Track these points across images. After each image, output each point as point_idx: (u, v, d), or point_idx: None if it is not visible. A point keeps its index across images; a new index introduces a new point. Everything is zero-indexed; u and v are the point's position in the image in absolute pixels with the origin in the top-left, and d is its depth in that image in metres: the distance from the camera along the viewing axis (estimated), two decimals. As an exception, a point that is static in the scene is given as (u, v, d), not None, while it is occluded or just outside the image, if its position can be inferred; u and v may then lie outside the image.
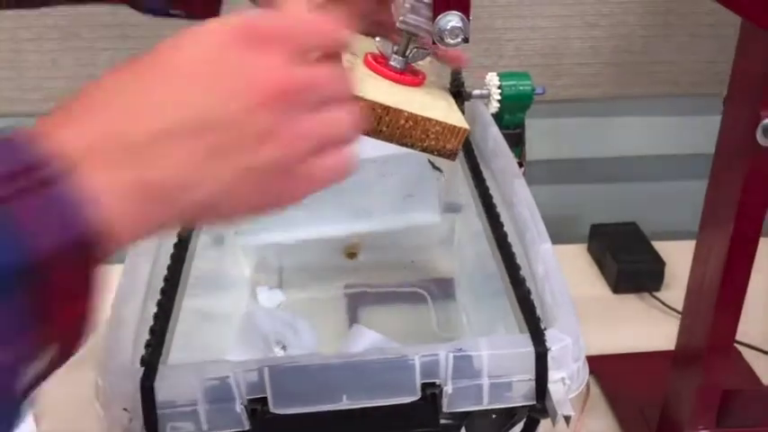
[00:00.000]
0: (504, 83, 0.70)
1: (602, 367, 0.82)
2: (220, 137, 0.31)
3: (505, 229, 0.56)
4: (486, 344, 0.43)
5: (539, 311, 0.47)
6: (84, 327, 0.29)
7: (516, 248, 0.54)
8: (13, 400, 0.28)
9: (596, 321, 0.90)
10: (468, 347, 0.43)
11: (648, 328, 0.87)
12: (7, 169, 0.27)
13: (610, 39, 0.98)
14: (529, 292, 0.49)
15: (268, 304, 0.74)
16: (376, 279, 0.75)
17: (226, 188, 0.32)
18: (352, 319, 0.73)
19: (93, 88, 0.31)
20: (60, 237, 0.27)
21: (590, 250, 1.00)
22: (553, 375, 0.43)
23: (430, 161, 0.74)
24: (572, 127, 1.03)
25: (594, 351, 0.84)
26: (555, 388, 0.42)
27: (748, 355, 0.83)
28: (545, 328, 0.45)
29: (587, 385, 0.80)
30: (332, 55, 0.35)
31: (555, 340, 0.44)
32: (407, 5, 0.50)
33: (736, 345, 0.84)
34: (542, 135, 1.02)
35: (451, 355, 0.42)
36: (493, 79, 0.70)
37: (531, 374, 0.43)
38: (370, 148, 0.71)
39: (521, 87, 0.70)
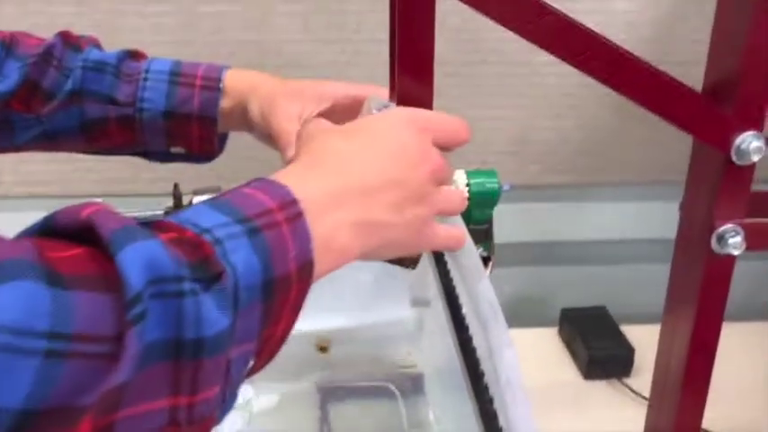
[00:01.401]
0: (471, 180, 0.72)
1: (573, 458, 0.82)
2: (407, 192, 0.43)
3: (471, 329, 0.57)
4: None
5: (501, 421, 0.48)
6: (283, 343, 0.37)
7: (481, 350, 0.55)
8: (236, 390, 0.35)
9: (568, 408, 0.91)
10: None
11: (618, 415, 0.88)
12: (278, 203, 0.37)
13: (577, 129, 1.01)
14: (491, 402, 0.49)
15: (238, 400, 0.74)
16: (347, 373, 0.76)
17: (405, 229, 0.44)
18: (324, 414, 0.72)
19: (317, 148, 0.44)
20: (301, 258, 0.36)
21: (561, 334, 1.01)
22: (514, 491, 0.43)
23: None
24: (542, 211, 1.06)
25: (565, 439, 0.85)
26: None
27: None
28: (506, 442, 0.46)
29: (558, 478, 0.80)
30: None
31: (514, 455, 0.44)
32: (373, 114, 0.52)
33: (706, 434, 0.85)
34: (514, 219, 1.04)
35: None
36: (461, 177, 0.72)
37: (493, 491, 0.43)
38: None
39: (488, 185, 0.72)
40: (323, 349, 0.78)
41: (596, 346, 0.94)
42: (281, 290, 0.36)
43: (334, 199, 0.40)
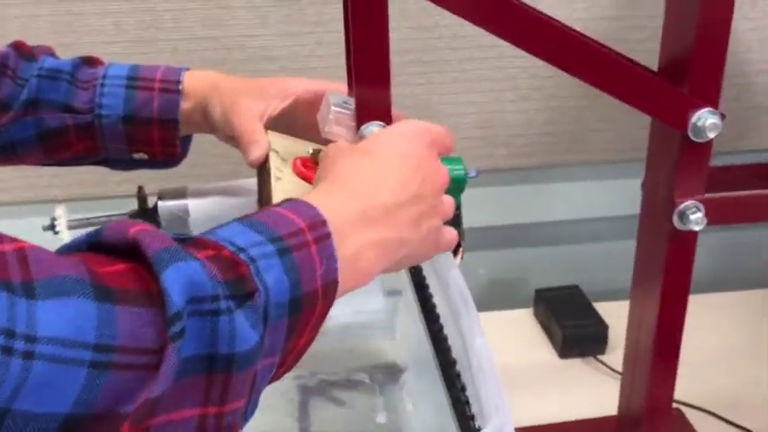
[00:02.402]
0: (436, 169, 0.72)
1: (552, 436, 0.84)
2: (424, 206, 0.46)
3: (442, 317, 0.58)
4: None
5: (474, 408, 0.48)
6: (303, 354, 0.40)
7: (453, 338, 0.55)
8: (257, 399, 0.37)
9: (544, 387, 0.92)
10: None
11: (595, 392, 0.89)
12: (308, 223, 0.39)
13: (543, 110, 1.02)
14: (463, 389, 0.50)
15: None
16: (322, 367, 0.76)
17: (422, 241, 0.47)
18: (302, 408, 0.73)
19: (339, 170, 0.46)
20: (327, 277, 0.39)
21: (536, 315, 1.02)
22: (488, 476, 0.44)
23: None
24: (512, 194, 1.06)
25: (543, 419, 0.86)
26: (490, 489, 0.43)
27: (693, 416, 0.85)
28: (479, 429, 0.46)
29: (536, 458, 0.81)
30: None
31: (487, 441, 0.45)
32: (331, 117, 0.52)
33: (679, 406, 0.86)
34: (484, 203, 1.05)
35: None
36: (426, 165, 0.72)
37: (466, 477, 0.44)
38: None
39: (455, 172, 0.72)
40: (298, 344, 0.78)
41: (570, 325, 0.95)
42: (307, 306, 0.38)
43: (359, 219, 0.42)
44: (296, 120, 0.62)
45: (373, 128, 0.51)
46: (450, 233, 0.51)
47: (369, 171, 0.46)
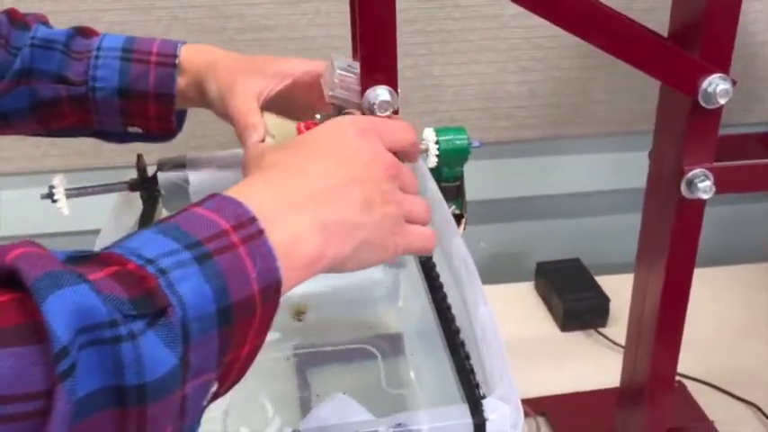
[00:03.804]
0: (440, 138, 0.71)
1: (553, 408, 0.84)
2: (368, 189, 0.42)
3: (446, 286, 0.57)
4: (424, 417, 0.43)
5: (479, 376, 0.48)
6: (250, 363, 0.36)
7: (456, 308, 0.55)
8: (199, 418, 0.34)
9: (546, 360, 0.92)
10: (408, 421, 0.43)
11: (596, 364, 0.89)
12: (234, 223, 0.35)
13: (545, 82, 1.00)
14: (467, 358, 0.49)
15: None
16: (325, 338, 0.75)
17: (377, 228, 0.42)
18: (303, 380, 0.72)
19: (267, 164, 0.42)
20: (265, 278, 0.35)
21: (537, 288, 1.01)
22: (493, 445, 0.44)
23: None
24: (514, 167, 1.06)
25: (545, 391, 0.86)
26: (495, 457, 0.43)
27: (696, 389, 0.85)
28: (484, 396, 0.46)
29: (537, 428, 0.81)
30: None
31: (492, 409, 0.44)
32: (336, 80, 0.51)
33: (682, 379, 0.86)
34: (486, 176, 1.04)
35: (391, 430, 0.42)
36: (430, 135, 0.71)
37: (472, 445, 0.43)
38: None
39: (457, 142, 0.71)
40: (298, 315, 0.77)
41: (572, 298, 0.95)
42: (242, 314, 0.34)
43: (290, 204, 0.39)
44: (293, 101, 0.60)
45: (379, 92, 0.49)
46: (419, 229, 0.46)
47: (299, 160, 0.42)
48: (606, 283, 0.97)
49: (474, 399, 0.45)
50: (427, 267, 0.56)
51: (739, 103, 1.03)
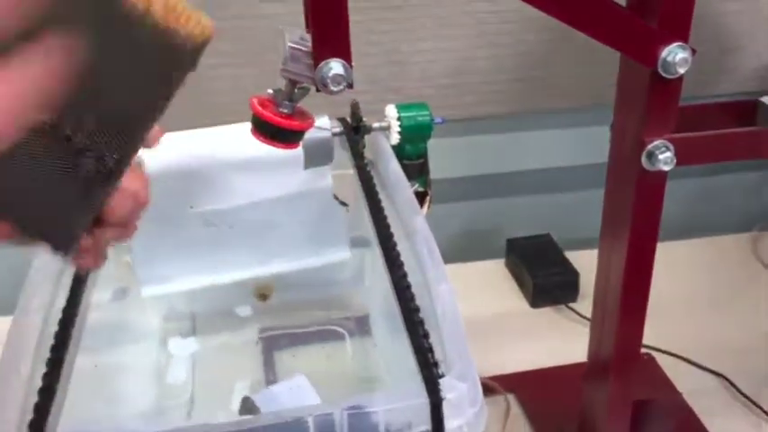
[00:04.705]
0: (402, 114, 0.70)
1: (522, 384, 0.83)
2: None
3: (407, 265, 0.56)
4: (380, 399, 0.42)
5: (438, 355, 0.47)
6: None
7: (418, 287, 0.54)
8: None
9: (516, 337, 0.92)
10: (363, 403, 0.42)
11: (566, 340, 0.89)
12: None
13: (512, 56, 0.99)
14: (426, 336, 0.48)
15: (180, 353, 0.73)
16: (290, 320, 0.74)
17: None
18: (268, 362, 0.71)
19: None
20: None
21: (507, 265, 1.01)
22: (450, 424, 0.43)
23: (335, 196, 0.73)
24: (483, 143, 1.04)
25: (515, 368, 0.86)
26: (453, 437, 0.42)
27: (666, 361, 0.85)
28: (442, 375, 0.45)
29: (507, 405, 0.81)
30: None
31: (450, 388, 0.44)
32: (287, 54, 0.49)
33: (651, 351, 0.86)
34: (455, 153, 1.03)
35: (346, 413, 0.42)
36: (391, 111, 0.70)
37: (429, 425, 0.42)
38: (275, 187, 0.70)
39: (419, 118, 0.70)
40: (263, 297, 0.76)
41: (541, 274, 0.94)
42: None
43: None
44: None
45: (333, 65, 0.48)
46: None
47: None
48: (576, 258, 0.97)
49: (431, 378, 0.44)
50: (387, 247, 0.55)
51: (706, 74, 1.02)
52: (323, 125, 0.67)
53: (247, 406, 0.64)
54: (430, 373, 0.45)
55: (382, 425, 0.42)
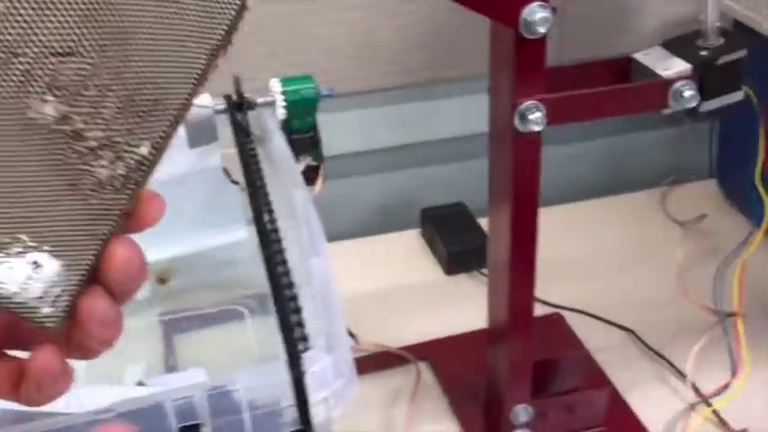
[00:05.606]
0: (286, 88, 0.69)
1: (434, 352, 0.84)
2: None
3: (288, 240, 0.56)
4: (241, 377, 0.42)
5: (307, 330, 0.47)
6: None
7: (295, 261, 0.53)
8: None
9: (430, 305, 0.92)
10: (223, 383, 0.42)
11: (479, 305, 0.89)
12: None
13: (416, 25, 0.98)
14: (298, 311, 0.48)
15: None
16: (191, 302, 0.73)
17: None
18: (168, 346, 0.71)
19: None
20: None
21: (423, 235, 1.01)
22: (316, 396, 0.43)
23: (226, 172, 0.72)
24: (392, 114, 1.04)
25: (429, 335, 0.86)
26: (317, 410, 0.42)
27: (575, 319, 0.87)
28: (308, 348, 0.45)
29: (417, 373, 0.81)
30: None
31: (313, 361, 0.43)
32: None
33: (561, 311, 0.88)
34: (363, 125, 1.03)
35: (206, 394, 0.41)
36: (275, 86, 0.69)
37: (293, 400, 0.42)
38: (162, 168, 0.69)
39: (303, 91, 0.69)
40: (162, 281, 0.75)
41: (453, 242, 0.95)
42: None
43: None
44: None
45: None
46: None
47: None
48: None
49: (294, 353, 0.44)
50: (261, 223, 0.54)
51: (608, 35, 1.03)
52: (204, 103, 0.66)
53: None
54: (294, 348, 0.44)
55: (245, 402, 0.42)
